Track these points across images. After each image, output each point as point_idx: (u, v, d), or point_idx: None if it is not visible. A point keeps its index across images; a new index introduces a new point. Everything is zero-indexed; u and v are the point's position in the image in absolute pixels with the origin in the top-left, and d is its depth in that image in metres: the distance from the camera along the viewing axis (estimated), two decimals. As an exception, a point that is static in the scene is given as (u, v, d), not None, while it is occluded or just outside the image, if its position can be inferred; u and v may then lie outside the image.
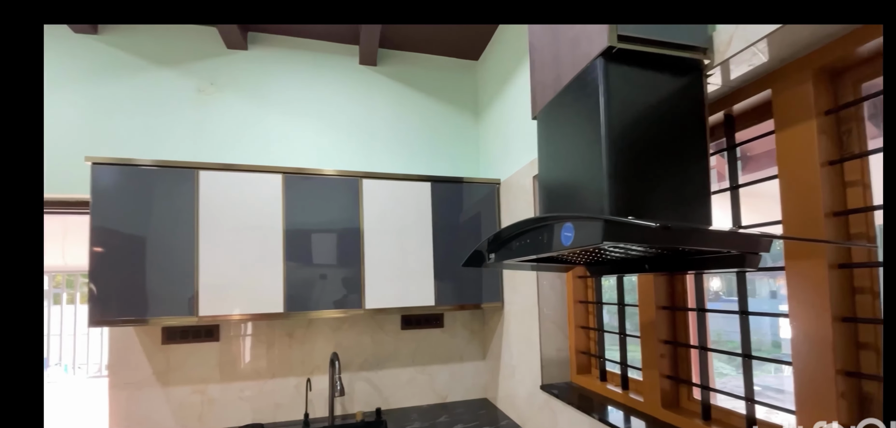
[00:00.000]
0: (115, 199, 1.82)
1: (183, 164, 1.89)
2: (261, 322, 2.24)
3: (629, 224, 0.69)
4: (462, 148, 2.63)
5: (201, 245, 1.89)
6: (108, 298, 1.80)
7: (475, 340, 2.54)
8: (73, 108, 2.11)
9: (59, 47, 2.10)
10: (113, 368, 2.08)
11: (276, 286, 1.96)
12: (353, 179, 2.10)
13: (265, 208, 1.97)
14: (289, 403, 2.26)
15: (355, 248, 2.08)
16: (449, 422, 2.13)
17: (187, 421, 2.14)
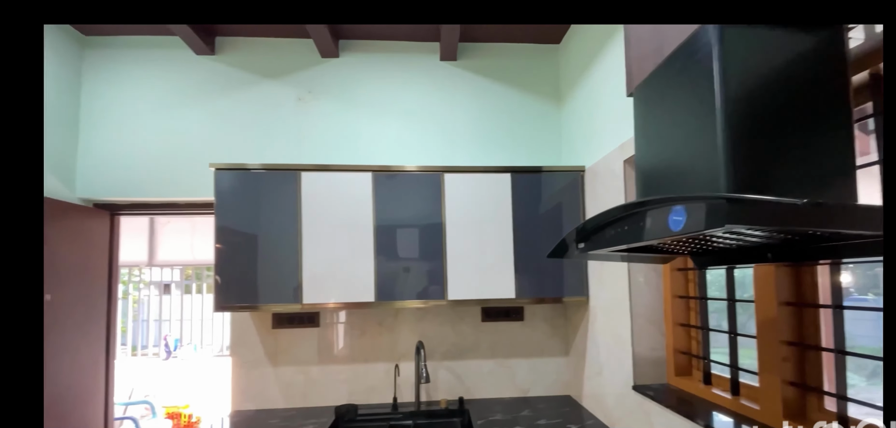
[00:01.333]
0: (234, 200, 2.04)
1: (287, 167, 2.06)
2: (354, 310, 2.35)
3: (763, 203, 0.58)
4: (543, 136, 2.52)
5: (304, 239, 2.04)
6: (229, 288, 2.01)
7: (557, 335, 2.43)
8: (199, 121, 2.39)
9: (185, 69, 2.40)
10: (234, 348, 2.33)
11: (368, 277, 2.05)
12: (435, 175, 2.12)
13: (358, 205, 2.07)
14: (379, 387, 2.36)
15: (438, 241, 2.10)
16: (531, 417, 2.06)
17: (293, 398, 2.33)
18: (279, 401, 2.32)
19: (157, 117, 2.37)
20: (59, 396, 2.06)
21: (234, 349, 2.32)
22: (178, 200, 2.37)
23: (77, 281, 2.17)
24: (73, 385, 2.14)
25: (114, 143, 2.34)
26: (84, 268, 2.22)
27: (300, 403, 2.33)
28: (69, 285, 2.12)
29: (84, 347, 2.22)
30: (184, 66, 2.40)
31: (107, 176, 2.33)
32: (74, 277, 2.16)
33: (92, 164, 2.33)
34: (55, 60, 2.18)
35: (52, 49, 2.16)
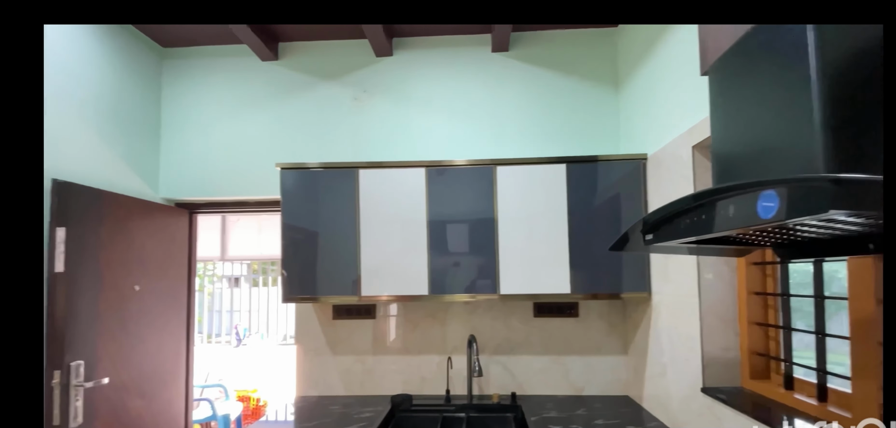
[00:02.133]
0: (297, 197, 2.13)
1: (346, 165, 2.13)
2: (408, 303, 2.39)
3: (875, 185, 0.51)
4: (600, 124, 2.41)
5: (362, 234, 2.09)
6: (294, 281, 2.11)
7: (614, 333, 2.32)
8: (265, 123, 2.52)
9: (251, 75, 2.53)
10: (299, 337, 2.44)
11: (421, 271, 2.07)
12: (487, 168, 2.10)
13: (411, 200, 2.09)
14: (432, 378, 2.38)
15: (490, 234, 2.07)
16: (587, 416, 1.98)
17: (351, 386, 2.41)
18: (339, 388, 2.41)
19: (227, 121, 2.53)
20: (148, 376, 2.27)
21: (299, 338, 2.44)
22: (247, 199, 2.53)
23: (161, 274, 2.38)
24: (158, 367, 2.35)
25: (191, 147, 2.54)
26: (167, 262, 2.43)
27: (358, 390, 2.40)
28: (155, 277, 2.33)
29: (167, 334, 2.43)
30: (250, 73, 2.54)
31: (185, 177, 2.53)
32: (159, 270, 2.36)
33: (172, 167, 2.54)
34: (138, 72, 2.39)
35: (135, 62, 2.37)
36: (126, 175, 2.29)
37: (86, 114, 2.07)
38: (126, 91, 2.31)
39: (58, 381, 1.80)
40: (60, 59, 1.94)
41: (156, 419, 2.33)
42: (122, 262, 2.10)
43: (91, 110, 2.10)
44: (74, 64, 2.00)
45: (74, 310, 1.85)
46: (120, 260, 2.10)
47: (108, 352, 2.02)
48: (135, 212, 2.20)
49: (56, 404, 1.80)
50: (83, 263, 1.90)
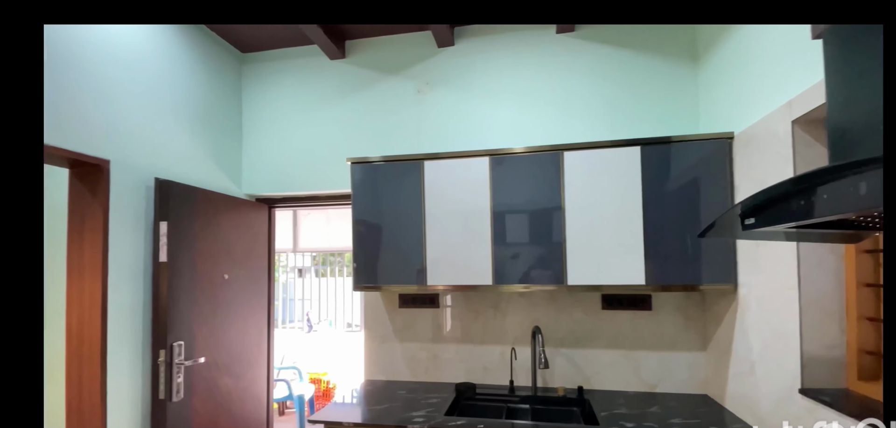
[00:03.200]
0: (367, 190, 2.21)
1: (412, 157, 2.16)
2: (472, 293, 2.39)
3: None
4: (675, 103, 2.24)
5: (427, 225, 2.12)
6: (364, 270, 2.20)
7: (692, 327, 2.16)
8: (334, 119, 2.62)
9: (321, 74, 2.65)
10: (367, 324, 2.54)
11: (485, 261, 2.06)
12: (554, 153, 2.02)
13: (475, 189, 2.08)
14: (495, 369, 2.37)
15: (557, 223, 2.00)
16: (662, 414, 1.87)
17: (417, 372, 2.46)
18: (405, 373, 2.48)
19: (300, 120, 2.67)
20: (236, 357, 2.47)
21: (367, 325, 2.54)
22: (319, 193, 2.66)
23: (245, 264, 2.57)
24: (244, 350, 2.55)
25: (268, 145, 2.72)
26: (250, 253, 2.62)
27: (423, 377, 2.45)
28: (240, 267, 2.52)
29: (251, 319, 2.63)
30: (320, 72, 2.66)
31: (264, 173, 2.72)
32: (243, 261, 2.56)
33: (253, 164, 2.73)
34: (222, 77, 2.59)
35: (219, 67, 2.57)
36: (214, 173, 2.50)
37: (180, 117, 2.28)
38: (212, 95, 2.51)
39: (163, 359, 2.02)
40: (155, 66, 2.14)
41: (242, 396, 2.54)
42: (212, 252, 2.30)
43: (184, 114, 2.31)
44: (167, 71, 2.22)
45: (175, 295, 2.06)
46: (211, 251, 2.30)
47: (203, 334, 2.22)
48: (222, 207, 2.40)
49: (161, 380, 2.02)
50: (181, 253, 2.10)
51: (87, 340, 1.86)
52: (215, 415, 2.31)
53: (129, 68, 2.00)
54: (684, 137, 1.91)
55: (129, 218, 1.97)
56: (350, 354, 4.82)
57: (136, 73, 2.04)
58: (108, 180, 1.85)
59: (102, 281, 1.85)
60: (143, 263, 2.05)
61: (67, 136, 1.71)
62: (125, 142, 1.96)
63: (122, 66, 1.97)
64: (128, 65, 2.00)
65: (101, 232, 1.84)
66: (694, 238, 1.89)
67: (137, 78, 2.04)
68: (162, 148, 2.16)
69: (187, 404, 2.12)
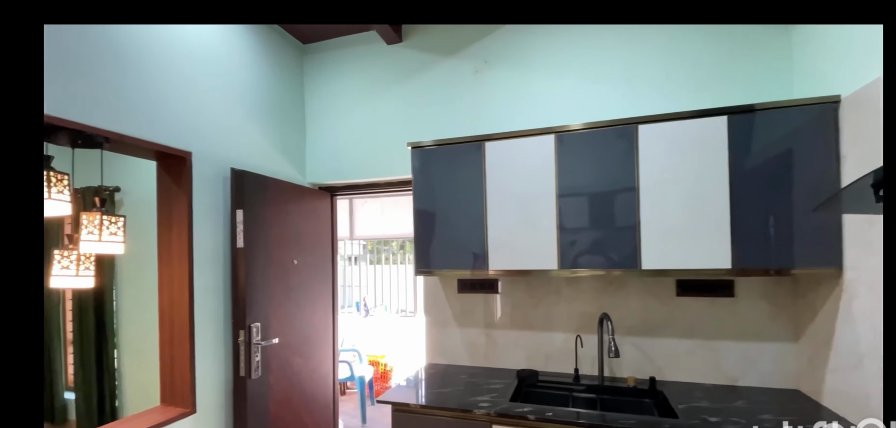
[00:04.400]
0: (426, 174, 2.19)
1: (472, 139, 2.11)
2: (533, 279, 2.32)
3: None
4: (764, 65, 1.98)
5: (489, 208, 2.07)
6: (424, 255, 2.19)
7: (782, 316, 1.95)
8: (393, 105, 2.63)
9: (379, 60, 2.65)
10: (428, 309, 2.55)
11: (549, 244, 1.97)
12: (627, 127, 1.87)
13: (539, 170, 1.99)
14: (556, 356, 2.28)
15: (630, 202, 1.87)
16: (748, 409, 1.70)
17: (476, 357, 2.43)
18: (465, 358, 2.46)
19: (359, 108, 2.70)
20: (304, 339, 2.58)
21: (427, 310, 2.54)
22: (378, 180, 2.68)
23: (311, 250, 2.66)
24: (311, 332, 2.65)
25: (329, 134, 2.78)
26: (315, 240, 2.71)
27: (483, 362, 2.42)
28: (307, 253, 2.61)
29: (318, 303, 2.73)
30: (378, 58, 2.66)
31: (326, 162, 2.79)
32: (310, 247, 2.65)
33: (315, 154, 2.81)
34: (286, 69, 2.67)
35: (283, 59, 2.65)
36: (281, 162, 2.60)
37: (249, 110, 2.38)
38: (277, 87, 2.60)
39: (242, 339, 2.13)
40: (226, 61, 2.24)
41: (311, 376, 2.64)
42: (282, 239, 2.40)
43: (253, 106, 2.41)
44: (237, 65, 2.31)
45: (252, 280, 2.16)
46: (281, 237, 2.39)
47: (277, 316, 2.33)
48: (290, 195, 2.49)
49: (242, 358, 2.14)
50: (255, 239, 2.20)
51: (178, 320, 2.00)
52: (288, 392, 2.43)
53: (204, 64, 2.11)
54: (779, 103, 1.69)
55: (209, 206, 2.09)
56: (405, 338, 4.92)
57: (210, 68, 2.14)
58: (190, 171, 1.97)
59: (189, 265, 1.98)
60: (222, 248, 2.17)
61: (155, 130, 1.83)
62: (204, 134, 2.08)
63: (199, 62, 2.08)
64: (203, 60, 2.11)
65: (187, 220, 1.97)
66: (788, 216, 1.68)
67: (212, 73, 2.15)
68: (235, 139, 2.27)
69: (264, 382, 2.24)
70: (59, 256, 1.62)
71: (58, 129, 1.51)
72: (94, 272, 1.69)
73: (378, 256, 5.82)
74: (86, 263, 1.65)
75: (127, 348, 3.39)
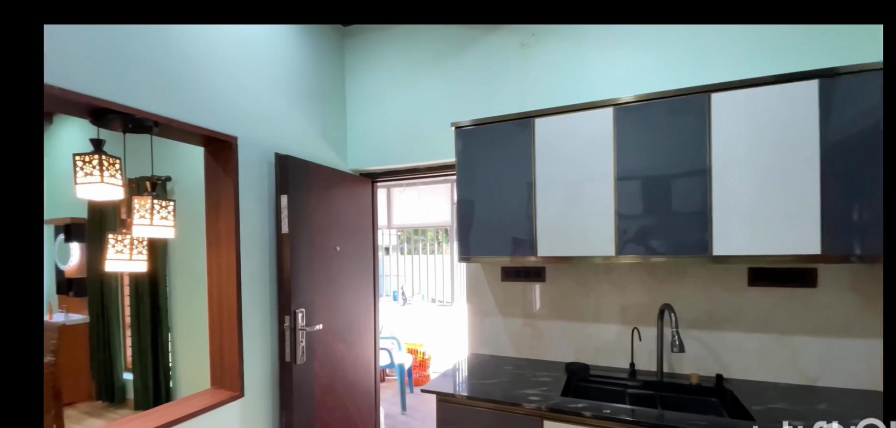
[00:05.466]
0: (471, 155, 2.07)
1: (521, 115, 1.96)
2: (583, 266, 2.16)
3: None
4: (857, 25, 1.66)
5: (538, 189, 1.93)
6: (468, 241, 2.08)
7: (871, 309, 1.71)
8: (435, 85, 2.49)
9: (420, 39, 2.53)
10: (470, 297, 2.45)
11: (606, 228, 1.81)
12: (698, 97, 1.66)
13: (596, 147, 1.82)
14: (608, 350, 2.12)
15: (700, 180, 1.67)
16: (836, 413, 1.49)
17: (521, 348, 2.31)
18: (508, 349, 2.34)
19: (400, 90, 2.61)
20: (347, 325, 2.54)
21: (469, 298, 2.44)
22: (419, 165, 2.59)
23: (353, 237, 2.62)
24: (354, 319, 2.61)
25: (370, 119, 2.71)
26: (357, 226, 2.66)
27: (528, 353, 2.30)
28: (349, 240, 2.57)
29: (360, 290, 2.69)
30: (420, 37, 2.54)
31: (366, 148, 2.73)
32: (352, 234, 2.61)
33: (357, 139, 2.75)
34: (327, 53, 2.62)
35: (324, 43, 2.59)
36: (323, 148, 2.56)
37: (292, 95, 2.34)
38: (319, 71, 2.55)
39: (288, 324, 2.11)
40: (269, 45, 2.19)
41: (354, 362, 2.61)
42: (325, 225, 2.36)
43: (295, 91, 2.37)
44: (279, 49, 2.27)
45: (296, 265, 2.13)
46: (325, 223, 2.36)
47: (320, 302, 2.30)
48: (333, 181, 2.45)
49: (287, 344, 2.12)
50: (299, 225, 2.17)
51: (226, 305, 2.00)
52: (332, 378, 2.40)
53: (249, 48, 2.08)
54: (877, 66, 1.44)
55: (254, 192, 2.07)
56: (442, 327, 4.86)
57: (254, 52, 2.11)
58: (236, 156, 1.95)
59: (236, 251, 1.96)
60: (267, 234, 2.16)
61: (202, 115, 1.81)
62: (248, 119, 2.05)
63: (244, 47, 2.05)
64: (248, 45, 2.07)
65: (233, 205, 1.95)
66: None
67: (256, 58, 2.12)
68: (279, 125, 2.24)
69: (309, 367, 2.21)
70: (113, 241, 1.63)
71: (109, 113, 1.50)
72: (147, 257, 1.70)
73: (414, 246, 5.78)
74: (138, 247, 1.66)
75: (180, 332, 3.51)
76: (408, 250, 5.71)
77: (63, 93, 1.33)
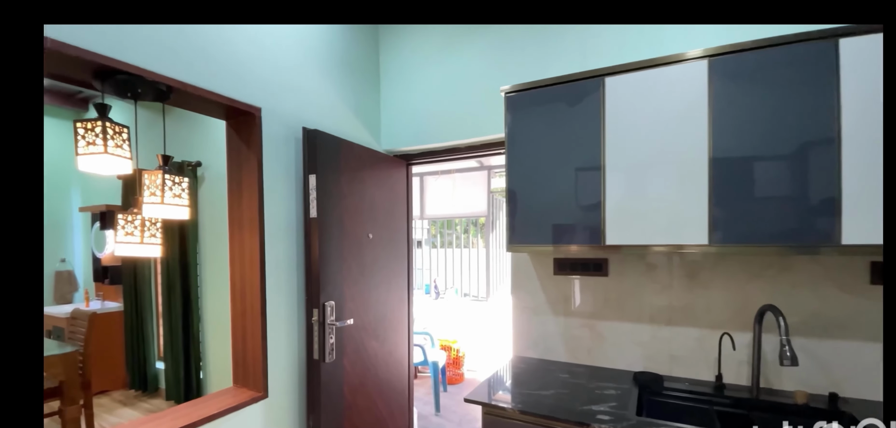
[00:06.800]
0: (524, 126, 1.75)
1: (587, 75, 1.62)
2: (655, 258, 1.81)
3: None
4: None
5: (608, 165, 1.59)
6: (519, 226, 1.78)
7: None
8: (478, 52, 2.18)
9: (459, 2, 2.22)
10: (515, 292, 2.14)
11: (697, 211, 1.46)
12: (825, 44, 1.27)
13: (685, 111, 1.46)
14: (687, 358, 1.77)
15: (827, 154, 1.29)
16: None
17: (577, 353, 1.99)
18: (561, 353, 2.03)
19: (440, 58, 2.31)
20: (379, 320, 2.29)
21: (516, 293, 2.14)
22: (459, 143, 2.30)
23: (386, 224, 2.36)
24: (387, 313, 2.36)
25: (406, 94, 2.44)
26: (390, 212, 2.40)
27: (585, 359, 1.97)
28: (382, 227, 2.32)
29: (394, 282, 2.43)
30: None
31: (401, 126, 2.46)
32: (385, 220, 2.35)
33: (391, 117, 2.49)
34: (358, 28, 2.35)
35: (355, 20, 2.34)
36: (354, 125, 2.31)
37: (322, 65, 2.10)
38: (351, 39, 2.29)
39: (316, 318, 1.88)
40: (300, 18, 1.96)
41: (386, 360, 2.36)
42: (357, 210, 2.11)
43: (325, 61, 2.12)
44: (310, 21, 2.03)
45: (325, 254, 1.89)
46: (357, 208, 2.11)
47: (352, 295, 2.06)
48: (366, 161, 2.19)
49: (315, 340, 1.88)
50: (329, 210, 1.93)
51: (249, 296, 1.79)
52: (363, 377, 2.16)
53: (273, 14, 1.84)
54: None
55: (279, 170, 1.85)
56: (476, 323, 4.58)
57: (279, 18, 1.87)
58: (260, 130, 1.72)
59: (260, 236, 1.74)
60: (295, 218, 1.93)
61: (222, 81, 1.59)
62: (273, 89, 1.82)
63: (268, 12, 1.81)
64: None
65: (257, 185, 1.73)
66: None
67: (281, 22, 1.88)
68: (306, 96, 2.00)
69: (339, 365, 1.98)
70: (122, 222, 1.43)
71: (115, 74, 1.29)
72: (165, 242, 1.49)
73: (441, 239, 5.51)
74: (151, 230, 1.45)
75: (210, 321, 3.38)
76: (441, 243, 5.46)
77: (58, 46, 1.13)
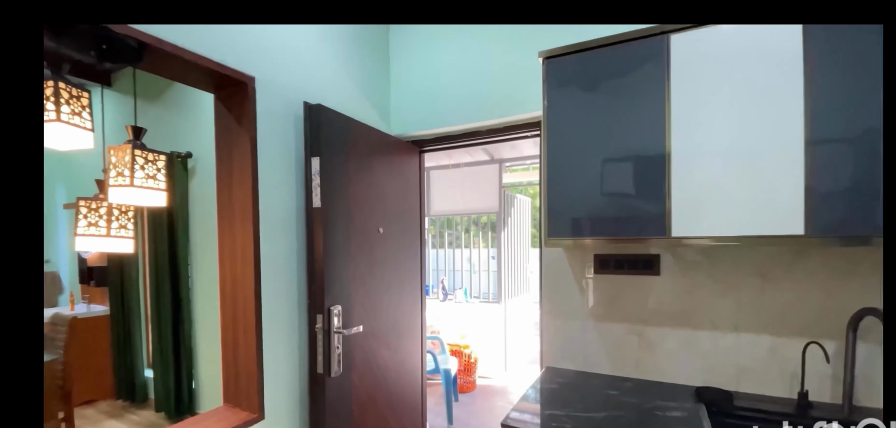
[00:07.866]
0: (567, 98, 1.47)
1: (648, 33, 1.34)
2: (719, 253, 1.53)
3: None
4: None
5: (674, 142, 1.30)
6: (560, 215, 1.50)
7: None
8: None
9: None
10: (546, 293, 1.86)
11: (791, 195, 1.18)
12: None
13: (772, 77, 1.17)
14: (758, 371, 1.49)
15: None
16: None
17: (622, 364, 1.71)
18: (603, 365, 1.75)
19: (458, 30, 2.03)
20: (391, 326, 2.02)
21: (547, 295, 1.86)
22: (480, 126, 2.01)
23: (398, 217, 2.09)
24: (399, 318, 2.09)
25: (420, 69, 2.15)
26: (403, 204, 2.13)
27: (632, 372, 1.69)
28: (393, 220, 2.05)
29: (407, 284, 2.16)
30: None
31: (414, 107, 2.17)
32: (397, 213, 2.08)
33: (402, 97, 2.21)
34: (367, 1, 2.08)
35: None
36: (362, 105, 2.03)
37: (326, 33, 1.82)
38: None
39: (321, 326, 1.60)
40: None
41: (398, 371, 2.09)
42: (366, 200, 1.83)
43: (330, 29, 1.84)
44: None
45: (331, 250, 1.62)
46: (364, 198, 1.83)
47: (360, 298, 1.78)
48: (375, 145, 1.92)
49: (320, 350, 1.61)
50: (334, 199, 1.65)
51: (242, 300, 1.51)
52: (373, 392, 1.88)
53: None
54: None
55: (277, 152, 1.56)
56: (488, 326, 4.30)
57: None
58: (253, 103, 1.44)
59: (254, 229, 1.46)
60: (294, 208, 1.65)
61: (206, 42, 1.31)
62: (270, 56, 1.54)
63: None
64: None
65: (250, 168, 1.45)
66: None
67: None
68: (307, 67, 1.72)
69: (346, 379, 1.70)
70: (84, 209, 1.14)
71: (69, 29, 1.01)
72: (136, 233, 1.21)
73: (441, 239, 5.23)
74: (121, 220, 1.17)
75: (203, 326, 3.09)
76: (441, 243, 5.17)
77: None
